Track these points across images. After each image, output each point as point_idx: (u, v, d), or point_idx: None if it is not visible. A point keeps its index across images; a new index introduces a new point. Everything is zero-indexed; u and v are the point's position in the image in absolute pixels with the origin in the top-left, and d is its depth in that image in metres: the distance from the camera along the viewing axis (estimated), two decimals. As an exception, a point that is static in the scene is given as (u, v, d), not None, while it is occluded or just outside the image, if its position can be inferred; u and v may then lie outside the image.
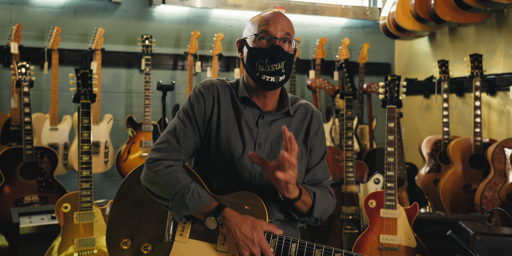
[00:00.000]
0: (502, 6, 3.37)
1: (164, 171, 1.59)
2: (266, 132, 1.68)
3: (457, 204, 3.41)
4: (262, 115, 1.69)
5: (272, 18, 1.63)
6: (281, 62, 1.60)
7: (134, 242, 1.67)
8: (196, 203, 1.55)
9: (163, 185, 1.58)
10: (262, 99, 1.69)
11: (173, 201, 1.57)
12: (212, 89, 1.68)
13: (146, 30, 4.17)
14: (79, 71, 2.64)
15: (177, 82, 4.22)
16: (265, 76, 1.60)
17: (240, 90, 1.69)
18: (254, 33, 1.62)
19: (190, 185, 1.57)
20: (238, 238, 1.51)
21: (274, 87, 1.63)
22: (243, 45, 1.69)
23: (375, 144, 4.20)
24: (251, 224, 1.53)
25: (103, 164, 3.85)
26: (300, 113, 1.75)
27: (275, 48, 1.59)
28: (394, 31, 4.14)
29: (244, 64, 1.67)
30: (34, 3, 3.89)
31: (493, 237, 2.33)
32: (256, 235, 1.51)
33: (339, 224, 3.09)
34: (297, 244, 1.55)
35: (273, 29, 1.60)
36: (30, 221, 2.86)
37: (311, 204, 1.64)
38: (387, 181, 2.71)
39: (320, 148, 1.78)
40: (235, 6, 4.30)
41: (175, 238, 1.63)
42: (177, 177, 1.58)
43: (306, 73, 4.60)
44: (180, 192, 1.56)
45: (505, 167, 3.06)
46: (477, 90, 3.43)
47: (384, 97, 2.81)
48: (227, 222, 1.53)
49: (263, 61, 1.59)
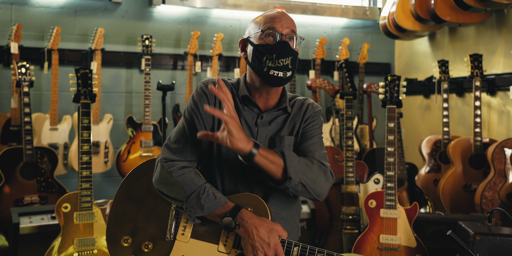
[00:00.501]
0: (502, 6, 3.37)
1: (179, 172, 1.60)
2: (266, 131, 1.70)
3: (457, 204, 3.41)
4: (260, 115, 1.69)
5: (277, 16, 1.65)
6: (288, 58, 1.61)
7: (134, 239, 1.67)
8: (211, 203, 1.56)
9: (177, 186, 1.58)
10: (265, 96, 1.70)
11: (188, 202, 1.57)
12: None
13: (146, 30, 4.17)
14: (79, 71, 2.64)
15: (177, 82, 4.22)
16: (273, 71, 1.61)
17: (241, 89, 1.70)
18: (260, 30, 1.63)
19: (205, 186, 1.58)
20: (255, 240, 1.51)
21: (281, 83, 1.64)
22: (247, 44, 1.70)
23: (375, 144, 4.20)
24: (268, 227, 1.54)
25: (103, 164, 3.85)
26: (296, 108, 1.75)
27: (282, 44, 1.61)
28: (394, 31, 4.14)
29: (250, 62, 1.68)
30: (34, 3, 3.89)
31: (493, 237, 2.33)
32: (272, 238, 1.53)
33: (339, 224, 3.09)
34: (299, 248, 1.55)
35: (279, 26, 1.63)
36: (30, 221, 2.86)
37: (283, 164, 1.55)
38: (387, 181, 2.71)
39: (314, 130, 1.73)
40: (235, 6, 4.30)
41: (177, 238, 1.63)
42: (191, 178, 1.59)
43: (306, 73, 4.60)
44: (196, 193, 1.56)
45: (505, 167, 3.06)
46: (477, 90, 3.43)
47: (384, 97, 2.81)
48: (245, 223, 1.53)
49: (270, 56, 1.60)
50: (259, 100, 1.70)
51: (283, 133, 1.71)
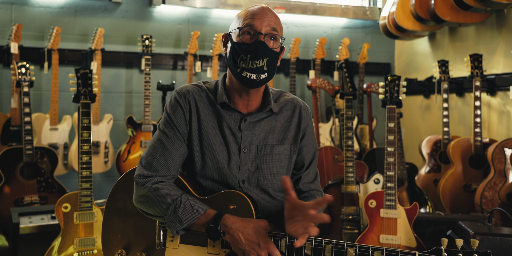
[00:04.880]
0: (502, 6, 3.37)
1: (152, 187, 1.55)
2: (250, 136, 1.62)
3: (457, 204, 3.41)
4: (243, 118, 1.62)
5: (259, 12, 1.55)
6: (263, 59, 1.52)
7: (128, 252, 1.68)
8: (189, 215, 1.51)
9: (153, 202, 1.54)
10: (245, 97, 1.61)
11: (166, 217, 1.53)
12: (188, 97, 1.62)
13: (146, 30, 4.17)
14: (79, 71, 2.64)
15: (177, 82, 4.22)
16: (246, 72, 1.52)
17: (219, 95, 1.62)
18: (238, 27, 1.55)
19: (181, 198, 1.53)
20: (244, 244, 1.48)
21: (254, 85, 1.55)
22: (228, 40, 1.61)
23: (375, 144, 4.20)
24: (254, 227, 1.49)
25: (103, 164, 3.85)
26: (286, 110, 1.68)
27: (258, 44, 1.51)
28: (394, 31, 4.14)
29: (227, 60, 1.59)
30: (34, 3, 3.89)
31: (493, 237, 2.33)
32: (261, 237, 1.48)
33: (339, 224, 3.09)
34: (287, 239, 1.51)
35: (259, 23, 1.52)
36: (30, 221, 2.86)
37: None
38: (387, 181, 2.71)
39: (312, 145, 1.72)
40: (235, 6, 4.30)
41: (167, 245, 1.63)
42: (166, 192, 1.54)
43: (306, 73, 4.60)
44: (172, 207, 1.52)
45: (505, 167, 3.05)
46: (477, 90, 3.43)
47: (384, 97, 2.81)
48: (229, 229, 1.49)
49: (245, 57, 1.52)
50: (240, 103, 1.62)
51: (272, 140, 1.64)
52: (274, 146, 1.64)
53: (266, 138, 1.64)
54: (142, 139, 3.87)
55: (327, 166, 3.43)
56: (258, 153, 1.63)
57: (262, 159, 1.63)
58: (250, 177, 1.62)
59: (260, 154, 1.63)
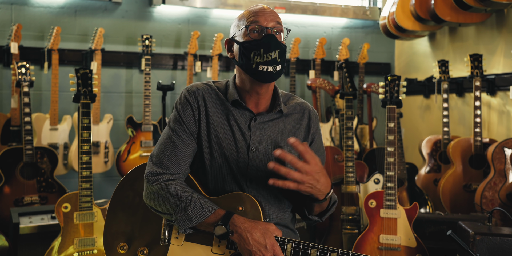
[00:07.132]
0: (502, 6, 3.37)
1: (163, 185, 1.57)
2: (260, 135, 1.64)
3: (457, 204, 3.41)
4: (253, 117, 1.64)
5: (260, 10, 1.61)
6: (275, 51, 1.56)
7: (130, 246, 1.67)
8: (199, 214, 1.53)
9: (163, 199, 1.56)
10: (255, 97, 1.64)
11: (176, 214, 1.54)
12: (198, 95, 1.65)
13: (146, 30, 4.17)
14: (79, 71, 2.64)
15: (177, 82, 4.22)
16: (262, 66, 1.56)
17: (230, 93, 1.65)
18: (244, 26, 1.59)
19: (192, 197, 1.55)
20: (251, 244, 1.49)
21: (271, 78, 1.58)
22: (233, 43, 1.66)
23: (375, 144, 4.20)
24: (262, 229, 1.51)
25: (103, 164, 3.85)
26: (296, 113, 1.71)
27: (268, 37, 1.56)
28: (394, 31, 4.14)
29: (237, 61, 1.63)
30: (34, 3, 3.89)
31: (493, 237, 2.33)
32: (268, 240, 1.50)
33: (339, 224, 3.09)
34: (292, 244, 1.54)
35: (263, 19, 1.58)
36: (30, 221, 2.86)
37: (325, 209, 1.66)
38: (387, 181, 2.71)
39: (320, 152, 1.75)
40: (235, 6, 4.30)
41: (171, 241, 1.63)
42: (176, 190, 1.56)
43: (306, 73, 4.60)
44: (182, 205, 1.54)
45: (505, 167, 3.06)
46: (477, 90, 3.43)
47: (384, 97, 2.81)
48: (238, 229, 1.50)
49: (258, 51, 1.56)
50: (250, 103, 1.65)
51: (282, 142, 1.66)
52: (283, 148, 1.64)
53: (276, 139, 1.66)
54: (142, 139, 3.87)
55: (327, 166, 3.43)
56: (267, 154, 1.64)
57: (271, 160, 1.63)
58: (257, 177, 1.63)
59: (269, 155, 1.64)
